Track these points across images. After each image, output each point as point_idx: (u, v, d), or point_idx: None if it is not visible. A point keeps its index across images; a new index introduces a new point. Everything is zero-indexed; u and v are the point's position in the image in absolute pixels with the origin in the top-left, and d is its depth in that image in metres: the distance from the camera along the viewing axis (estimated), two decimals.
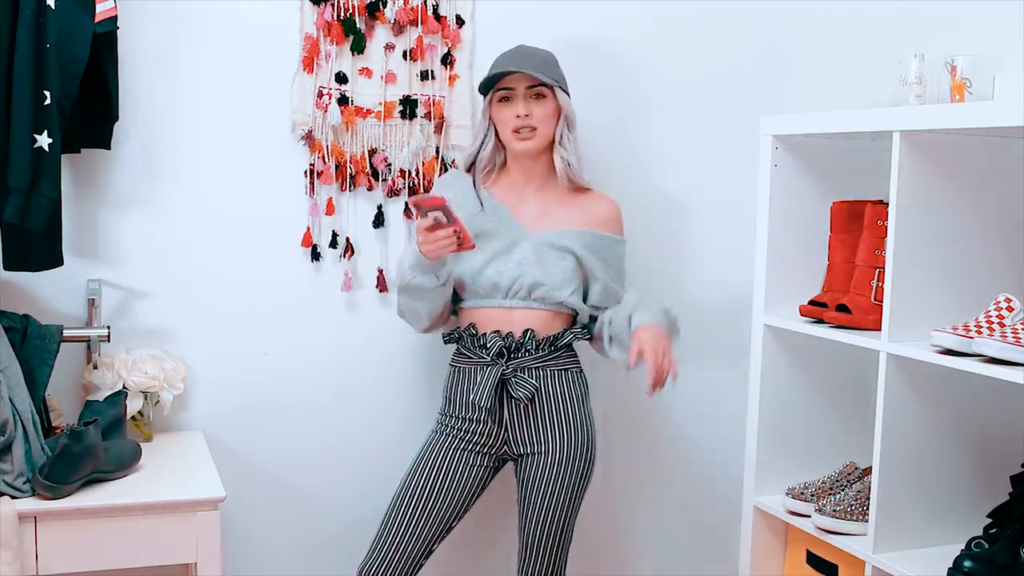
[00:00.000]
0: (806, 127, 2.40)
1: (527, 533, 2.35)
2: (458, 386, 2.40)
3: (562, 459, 2.35)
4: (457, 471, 2.36)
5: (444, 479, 2.35)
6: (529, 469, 2.36)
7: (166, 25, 2.47)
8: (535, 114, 2.38)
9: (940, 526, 2.20)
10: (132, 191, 2.49)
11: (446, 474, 2.36)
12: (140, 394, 2.41)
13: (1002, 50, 2.25)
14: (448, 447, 2.38)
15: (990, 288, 2.15)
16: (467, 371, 2.39)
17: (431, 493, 2.34)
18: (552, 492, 2.34)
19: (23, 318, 2.29)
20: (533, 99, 2.39)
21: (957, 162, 2.13)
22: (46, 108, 2.10)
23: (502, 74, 2.37)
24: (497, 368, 2.34)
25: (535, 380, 2.34)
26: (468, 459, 2.37)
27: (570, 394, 2.39)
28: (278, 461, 2.67)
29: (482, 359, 2.36)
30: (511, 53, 2.42)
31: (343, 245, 2.66)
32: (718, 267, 2.99)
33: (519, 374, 2.34)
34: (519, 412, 2.36)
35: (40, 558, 2.03)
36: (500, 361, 2.35)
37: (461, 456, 2.37)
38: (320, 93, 2.59)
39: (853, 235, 2.36)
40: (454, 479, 2.36)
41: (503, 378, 2.34)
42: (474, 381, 2.36)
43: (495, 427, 2.36)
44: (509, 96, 2.39)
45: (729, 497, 2.86)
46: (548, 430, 2.36)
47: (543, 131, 2.40)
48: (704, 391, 3.04)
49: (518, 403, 2.34)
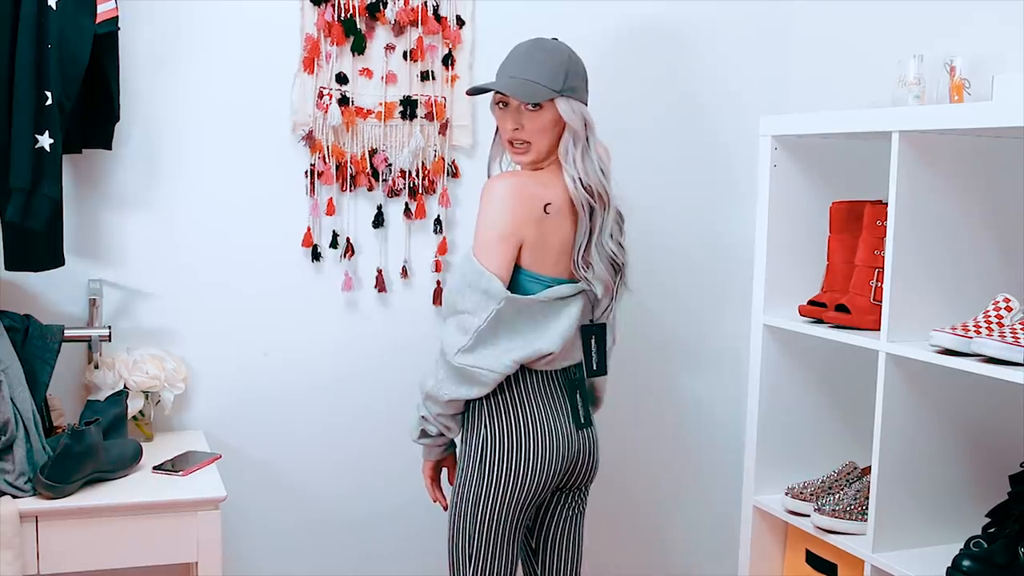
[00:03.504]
0: (806, 127, 2.40)
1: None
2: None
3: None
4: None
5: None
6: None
7: (167, 25, 2.48)
8: (526, 127, 2.13)
9: (939, 525, 2.20)
10: (133, 191, 2.50)
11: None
12: (141, 394, 2.41)
13: (1001, 50, 2.25)
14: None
15: (989, 288, 2.15)
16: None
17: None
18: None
19: (24, 318, 2.30)
20: (528, 109, 2.12)
21: (956, 162, 2.13)
22: (47, 108, 2.11)
23: (482, 88, 2.18)
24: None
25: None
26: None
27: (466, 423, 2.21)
28: (278, 461, 2.68)
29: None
30: (508, 58, 2.19)
31: (343, 245, 2.66)
32: (717, 267, 2.99)
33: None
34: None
35: (41, 558, 2.03)
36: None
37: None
38: (321, 93, 2.59)
39: (852, 235, 2.36)
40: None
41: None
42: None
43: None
44: (506, 102, 2.16)
45: (729, 497, 2.86)
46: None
47: (538, 145, 2.14)
48: (704, 391, 3.04)
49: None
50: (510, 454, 2.12)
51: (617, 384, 2.89)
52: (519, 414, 2.13)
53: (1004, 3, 2.27)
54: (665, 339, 2.99)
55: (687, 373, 3.03)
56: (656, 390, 3.00)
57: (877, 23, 2.65)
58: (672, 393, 3.02)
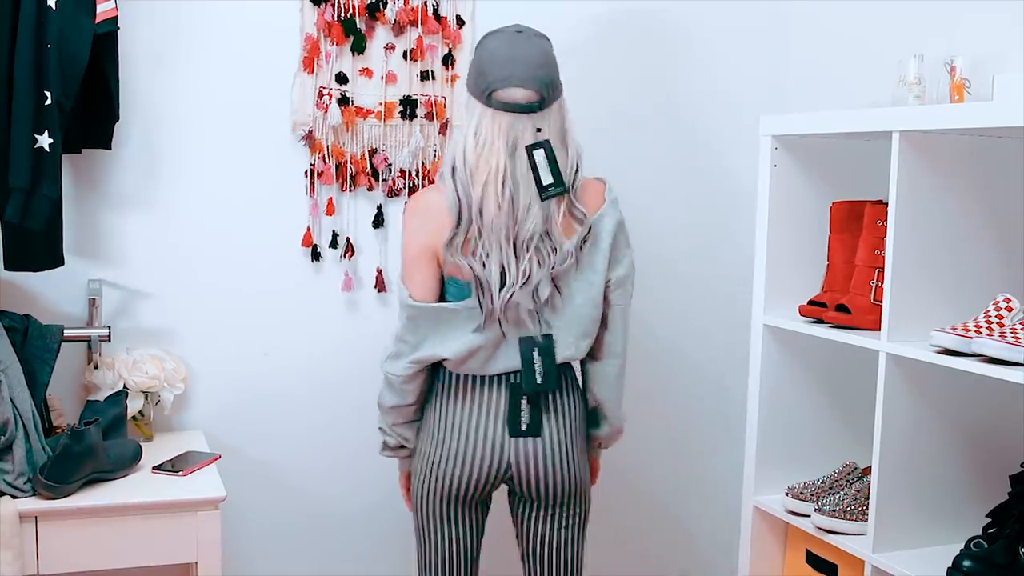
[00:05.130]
0: (806, 127, 2.40)
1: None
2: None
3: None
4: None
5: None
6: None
7: (166, 25, 2.48)
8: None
9: (939, 526, 2.20)
10: (133, 191, 2.50)
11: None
12: (141, 394, 2.41)
13: (1002, 50, 2.25)
14: None
15: (989, 288, 2.15)
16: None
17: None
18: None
19: (24, 318, 2.30)
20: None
21: (956, 162, 2.13)
22: (47, 108, 2.11)
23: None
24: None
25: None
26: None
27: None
28: (278, 461, 2.68)
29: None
30: (510, 59, 2.12)
31: (343, 245, 2.66)
32: (717, 267, 2.99)
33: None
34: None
35: (41, 558, 2.04)
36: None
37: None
38: (320, 93, 2.59)
39: (852, 235, 2.36)
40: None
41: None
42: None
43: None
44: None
45: (729, 497, 2.86)
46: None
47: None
48: (704, 391, 3.04)
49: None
50: (430, 453, 2.17)
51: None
52: (443, 417, 2.16)
53: (1004, 3, 2.27)
54: (665, 339, 2.99)
55: (687, 373, 3.03)
56: (656, 390, 2.99)
57: (877, 23, 2.65)
58: (672, 393, 3.02)
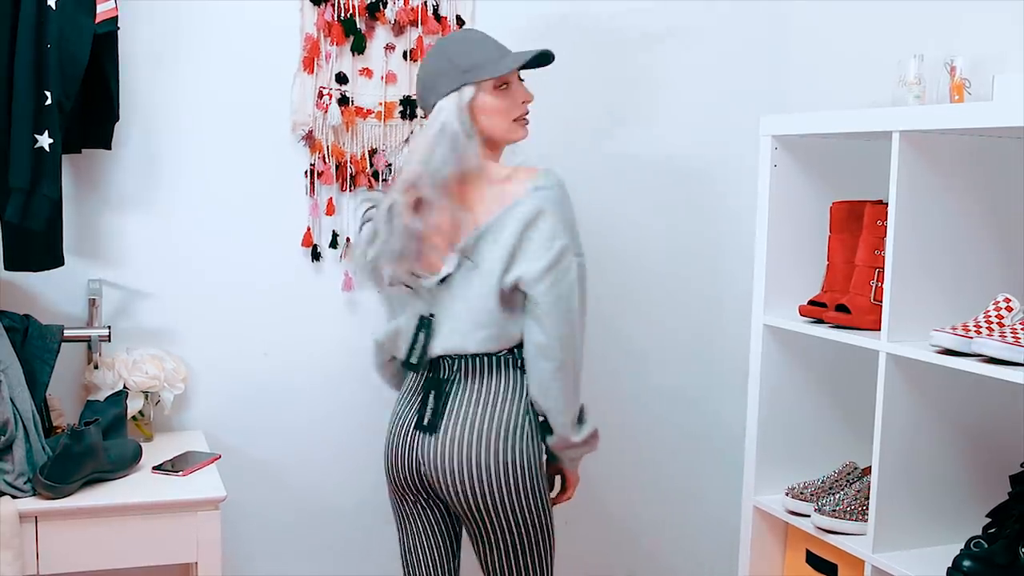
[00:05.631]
0: (806, 127, 2.40)
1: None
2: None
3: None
4: None
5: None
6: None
7: (166, 25, 2.48)
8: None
9: (939, 526, 2.20)
10: (133, 191, 2.50)
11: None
12: (141, 394, 2.41)
13: (1002, 50, 2.25)
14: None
15: (989, 288, 2.15)
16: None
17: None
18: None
19: (24, 318, 2.30)
20: (521, 80, 2.18)
21: (956, 162, 2.13)
22: (47, 108, 2.11)
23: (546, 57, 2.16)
24: None
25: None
26: None
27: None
28: (278, 461, 2.68)
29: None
30: (486, 40, 2.16)
31: (343, 245, 2.66)
32: (717, 267, 2.99)
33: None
34: None
35: (40, 558, 2.03)
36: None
37: None
38: (320, 93, 2.59)
39: (853, 235, 2.36)
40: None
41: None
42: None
43: None
44: (508, 82, 2.13)
45: (729, 497, 2.86)
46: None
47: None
48: (704, 391, 3.04)
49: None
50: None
51: (617, 384, 2.90)
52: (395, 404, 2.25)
53: (1004, 3, 2.27)
54: (665, 339, 2.98)
55: (687, 373, 3.03)
56: (656, 390, 2.99)
57: (877, 23, 2.65)
58: (672, 393, 3.02)
